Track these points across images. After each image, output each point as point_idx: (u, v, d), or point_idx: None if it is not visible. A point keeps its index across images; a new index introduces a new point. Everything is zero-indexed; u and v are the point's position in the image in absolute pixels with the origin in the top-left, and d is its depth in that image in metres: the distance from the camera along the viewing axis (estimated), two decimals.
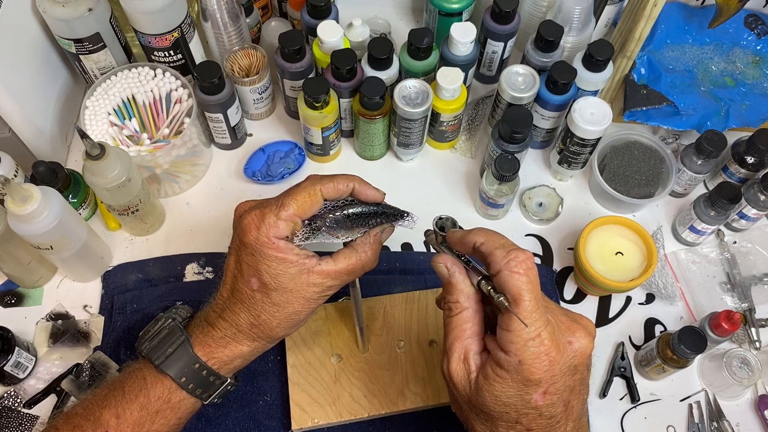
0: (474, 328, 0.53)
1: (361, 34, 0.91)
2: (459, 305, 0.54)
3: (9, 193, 0.68)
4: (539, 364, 0.48)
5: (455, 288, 0.54)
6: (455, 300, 0.54)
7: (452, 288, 0.54)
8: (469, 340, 0.53)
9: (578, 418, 0.53)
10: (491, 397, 0.50)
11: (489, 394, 0.50)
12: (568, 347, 0.50)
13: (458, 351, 0.53)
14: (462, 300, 0.54)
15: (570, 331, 0.51)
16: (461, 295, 0.54)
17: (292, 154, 0.95)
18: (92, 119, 0.85)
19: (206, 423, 0.76)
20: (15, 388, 0.78)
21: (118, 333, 0.81)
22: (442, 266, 0.55)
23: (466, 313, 0.53)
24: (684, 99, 0.93)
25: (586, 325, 0.53)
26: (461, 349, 0.53)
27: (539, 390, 0.49)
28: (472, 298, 0.54)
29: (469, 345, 0.53)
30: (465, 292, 0.54)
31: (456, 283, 0.54)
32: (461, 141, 0.98)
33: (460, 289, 0.54)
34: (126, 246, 0.88)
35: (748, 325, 0.85)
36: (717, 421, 0.79)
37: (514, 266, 0.50)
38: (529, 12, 0.99)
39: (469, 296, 0.54)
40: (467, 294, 0.54)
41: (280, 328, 0.61)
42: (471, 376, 0.52)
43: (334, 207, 0.61)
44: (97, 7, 0.82)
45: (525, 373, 0.49)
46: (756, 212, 0.87)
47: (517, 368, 0.49)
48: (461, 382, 0.53)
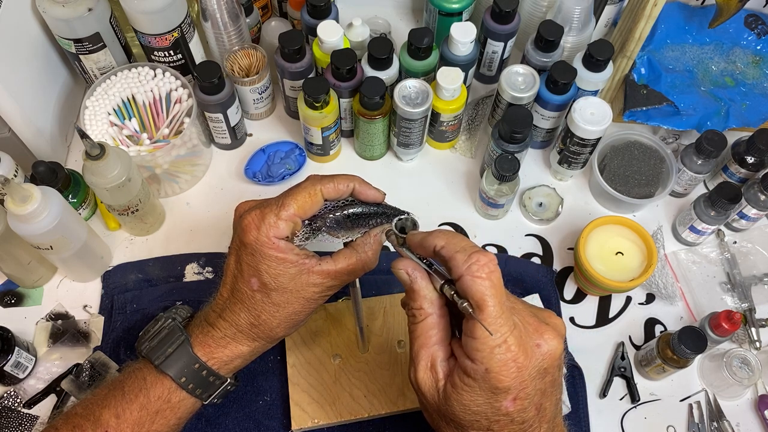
0: (440, 335, 0.51)
1: (361, 34, 0.91)
2: (423, 312, 0.51)
3: (9, 193, 0.67)
4: (507, 372, 0.47)
5: (418, 294, 0.52)
6: (419, 306, 0.52)
7: (415, 294, 0.52)
8: (435, 347, 0.51)
9: (552, 418, 0.51)
10: (460, 406, 0.49)
11: (458, 403, 0.49)
12: (536, 351, 0.48)
13: (425, 359, 0.51)
14: (426, 306, 0.51)
15: (538, 333, 0.49)
16: (425, 301, 0.52)
17: (293, 155, 0.95)
18: (92, 119, 0.85)
19: (206, 423, 0.76)
20: (15, 388, 0.78)
21: (118, 333, 0.81)
22: (403, 272, 0.53)
23: (431, 319, 0.51)
24: (684, 99, 0.93)
25: (555, 324, 0.51)
26: (428, 356, 0.51)
27: (509, 397, 0.47)
28: (436, 303, 0.52)
29: (436, 352, 0.51)
30: (428, 298, 0.52)
31: (418, 289, 0.52)
32: (461, 141, 0.98)
33: (423, 295, 0.52)
34: (126, 246, 0.88)
35: (748, 325, 0.85)
36: (717, 421, 0.79)
37: (475, 270, 0.47)
38: (529, 12, 0.99)
39: (432, 302, 0.52)
40: (430, 300, 0.52)
41: (280, 328, 0.61)
42: (439, 385, 0.50)
43: (334, 207, 0.61)
44: (97, 7, 0.82)
45: (493, 381, 0.47)
46: (756, 212, 0.87)
47: (484, 377, 0.47)
48: (429, 391, 0.51)
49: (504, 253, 0.90)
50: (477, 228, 0.92)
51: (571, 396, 0.78)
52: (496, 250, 0.90)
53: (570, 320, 0.86)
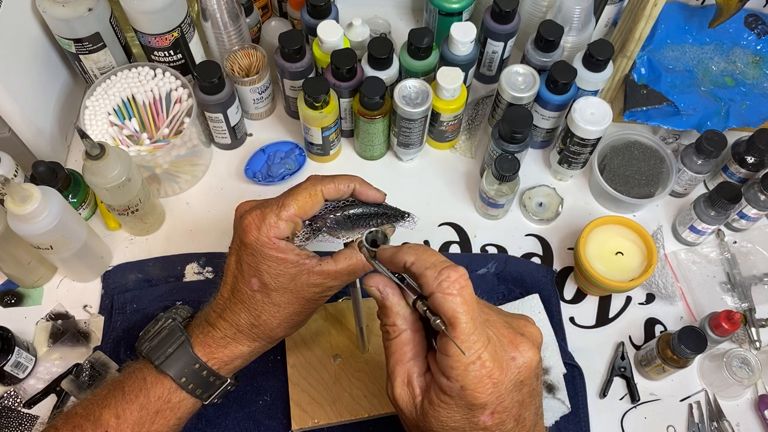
0: (415, 350, 0.51)
1: (361, 34, 0.91)
2: (396, 328, 0.50)
3: (9, 193, 0.67)
4: (482, 388, 0.46)
5: (390, 311, 0.50)
6: (392, 323, 0.50)
7: (387, 311, 0.51)
8: (410, 363, 0.50)
9: (532, 426, 0.51)
10: (437, 422, 0.48)
11: (435, 420, 0.48)
12: (511, 364, 0.48)
13: (401, 375, 0.50)
14: (399, 323, 0.50)
15: (513, 346, 0.48)
16: (397, 318, 0.50)
17: (293, 155, 0.95)
18: (92, 119, 0.85)
19: (206, 423, 0.76)
20: (15, 388, 0.78)
21: (118, 333, 0.81)
22: (374, 289, 0.51)
23: (405, 335, 0.50)
24: (684, 99, 0.93)
25: (531, 334, 0.50)
26: (404, 372, 0.50)
27: (486, 412, 0.47)
28: (409, 319, 0.51)
29: (412, 368, 0.50)
30: (401, 314, 0.50)
31: (390, 305, 0.50)
32: (461, 141, 0.98)
33: (396, 312, 0.50)
34: (126, 246, 0.88)
35: (748, 325, 0.85)
36: (717, 421, 0.79)
37: (446, 287, 0.46)
38: (529, 12, 0.99)
39: (405, 318, 0.50)
40: (403, 316, 0.50)
41: (281, 328, 0.61)
42: (416, 401, 0.50)
43: (334, 207, 0.61)
44: (97, 7, 0.82)
45: (469, 398, 0.46)
46: (756, 212, 0.87)
47: (460, 394, 0.46)
48: (407, 407, 0.50)
49: (504, 253, 0.90)
50: (477, 228, 0.92)
51: (571, 396, 0.78)
52: (496, 250, 0.90)
53: (570, 320, 0.86)
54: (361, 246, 0.55)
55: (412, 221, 0.64)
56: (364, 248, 0.54)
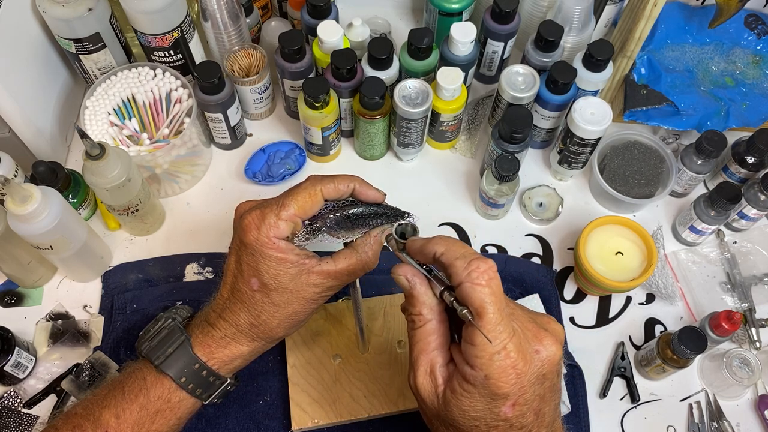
0: (439, 340, 0.52)
1: (361, 34, 0.91)
2: (422, 317, 0.52)
3: (9, 193, 0.67)
4: (506, 378, 0.47)
5: (417, 300, 0.52)
6: (418, 312, 0.52)
7: (414, 300, 0.52)
8: (434, 353, 0.51)
9: (551, 423, 0.52)
10: (459, 412, 0.49)
11: (457, 409, 0.49)
12: (535, 357, 0.49)
13: (424, 364, 0.51)
14: (425, 312, 0.52)
15: (537, 339, 0.49)
16: (424, 307, 0.52)
17: (293, 155, 0.95)
18: (92, 119, 0.85)
19: (206, 423, 0.76)
20: (15, 388, 0.78)
21: (118, 333, 0.81)
22: (402, 278, 0.53)
23: (430, 325, 0.52)
24: (684, 99, 0.93)
25: (554, 329, 0.51)
26: (427, 362, 0.51)
27: (508, 403, 0.48)
28: (436, 309, 0.52)
29: (435, 357, 0.51)
30: (427, 304, 0.52)
31: (418, 294, 0.52)
32: (461, 141, 0.98)
33: (422, 301, 0.52)
34: (126, 246, 0.88)
35: (749, 325, 0.85)
36: (717, 421, 0.79)
37: (475, 278, 0.48)
38: (529, 12, 0.99)
39: (432, 308, 0.52)
40: (430, 306, 0.52)
41: (280, 328, 0.61)
42: (438, 390, 0.51)
43: (334, 207, 0.61)
44: (97, 7, 0.82)
45: (492, 388, 0.47)
46: (756, 212, 0.87)
47: (483, 383, 0.47)
48: (429, 396, 0.51)
49: (504, 253, 0.90)
50: (477, 228, 0.92)
51: (571, 396, 0.78)
52: (496, 250, 0.90)
53: (570, 320, 0.86)
54: (389, 238, 0.57)
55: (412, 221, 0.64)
56: (392, 240, 0.56)
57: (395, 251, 0.56)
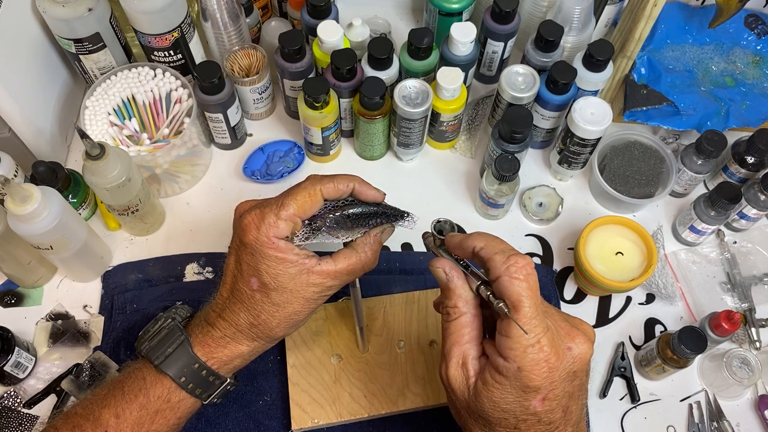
0: (472, 333, 0.53)
1: (361, 34, 0.91)
2: (457, 310, 0.53)
3: (9, 193, 0.68)
4: (538, 371, 0.48)
5: (453, 293, 0.53)
6: (453, 305, 0.53)
7: (450, 293, 0.54)
8: (467, 345, 0.52)
9: (577, 422, 0.53)
10: (490, 403, 0.50)
11: (488, 400, 0.50)
12: (567, 353, 0.50)
13: (456, 356, 0.52)
14: (460, 305, 0.53)
15: (569, 337, 0.51)
16: (459, 300, 0.53)
17: (291, 153, 0.95)
18: (92, 119, 0.85)
19: (206, 423, 0.76)
20: (15, 388, 0.78)
21: (118, 333, 0.81)
22: (441, 270, 0.54)
23: (465, 318, 0.53)
24: (684, 99, 0.93)
25: (585, 330, 0.52)
26: (459, 354, 0.52)
27: (538, 396, 0.49)
28: (471, 303, 0.53)
29: (468, 350, 0.52)
30: (463, 297, 0.53)
31: (454, 287, 0.54)
32: (461, 141, 0.98)
33: (459, 294, 0.53)
34: (126, 246, 0.88)
35: (749, 325, 0.85)
36: (717, 421, 0.79)
37: (514, 272, 0.49)
38: (529, 12, 0.99)
39: (467, 301, 0.53)
40: (465, 299, 0.53)
41: (280, 328, 0.61)
42: (470, 382, 0.52)
43: (334, 207, 0.61)
44: (97, 7, 0.82)
45: (524, 380, 0.48)
46: (756, 212, 0.87)
47: (516, 375, 0.48)
48: (459, 388, 0.52)
49: None
50: (477, 228, 0.91)
51: None
52: None
53: None
54: (427, 236, 0.59)
55: (412, 221, 0.64)
56: (430, 237, 0.58)
57: (432, 248, 0.58)
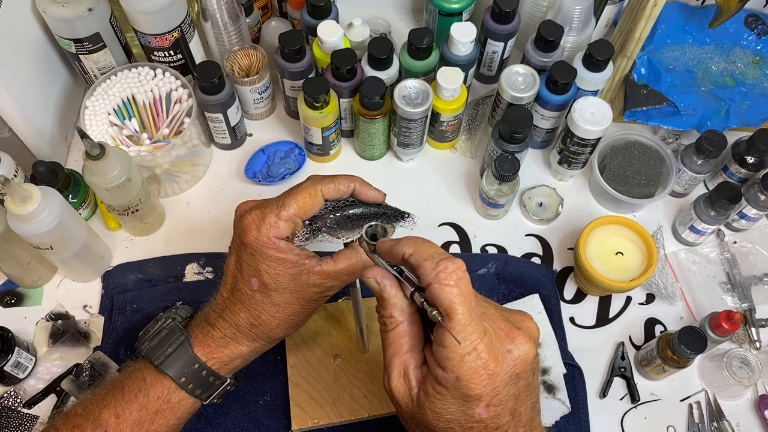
0: (411, 342, 0.51)
1: (361, 34, 0.91)
2: (393, 320, 0.51)
3: (9, 193, 0.68)
4: (477, 380, 0.46)
5: (388, 302, 0.51)
6: (389, 315, 0.51)
7: (385, 303, 0.51)
8: (407, 355, 0.51)
9: (528, 422, 0.51)
10: (433, 414, 0.48)
11: (431, 411, 0.48)
12: (507, 356, 0.48)
13: (397, 367, 0.50)
14: (396, 314, 0.51)
15: (509, 339, 0.49)
16: (395, 309, 0.51)
17: (293, 154, 0.95)
18: (92, 119, 0.85)
19: (206, 423, 0.76)
20: (15, 388, 0.78)
21: (118, 333, 0.81)
22: (372, 281, 0.51)
23: (402, 327, 0.51)
24: (684, 99, 0.93)
25: (527, 328, 0.50)
26: (400, 364, 0.50)
27: (481, 404, 0.47)
28: (407, 311, 0.51)
29: (408, 360, 0.50)
30: (398, 306, 0.51)
31: (388, 297, 0.51)
32: (461, 141, 0.98)
33: (393, 303, 0.51)
34: (126, 246, 0.88)
35: (749, 325, 0.85)
36: (717, 421, 0.79)
37: (443, 278, 0.46)
38: (529, 12, 0.99)
39: (403, 310, 0.51)
40: (401, 307, 0.51)
41: (280, 328, 0.61)
42: (412, 393, 0.50)
43: (334, 207, 0.61)
44: (97, 7, 0.82)
45: (464, 390, 0.47)
46: (756, 212, 0.87)
47: (455, 385, 0.47)
48: (403, 399, 0.51)
49: (504, 253, 0.90)
50: (477, 228, 0.92)
51: (571, 396, 0.78)
52: (496, 250, 0.90)
53: (570, 320, 0.86)
54: (361, 240, 0.55)
55: (412, 221, 0.64)
56: (363, 242, 0.55)
57: (367, 253, 0.55)
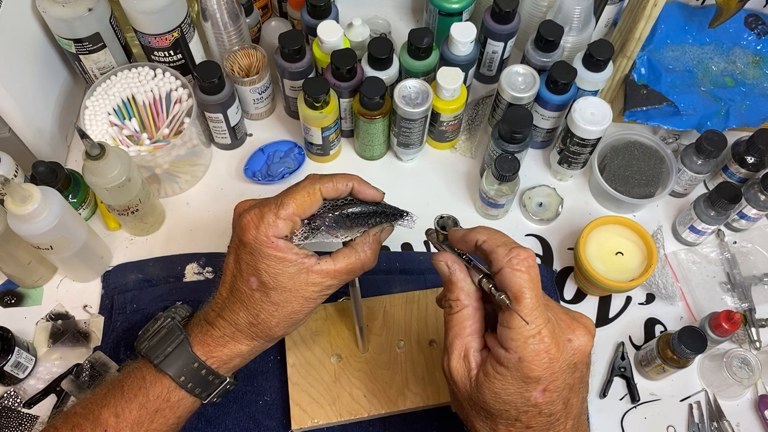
0: (474, 326, 0.53)
1: (361, 34, 0.91)
2: (459, 303, 0.54)
3: (9, 193, 0.68)
4: (539, 362, 0.49)
5: (456, 286, 0.54)
6: (456, 298, 0.54)
7: (453, 286, 0.54)
8: (469, 338, 0.53)
9: (578, 416, 0.53)
10: (491, 395, 0.51)
11: (489, 392, 0.51)
12: (567, 345, 0.51)
13: (459, 348, 0.53)
14: (462, 298, 0.54)
15: (570, 329, 0.51)
16: (462, 293, 0.54)
17: (292, 154, 0.95)
18: (92, 119, 0.85)
19: (206, 423, 0.76)
20: (15, 388, 0.78)
21: (118, 333, 0.81)
22: (443, 264, 0.55)
23: (467, 310, 0.54)
24: (684, 99, 0.93)
25: (585, 323, 0.53)
26: (462, 346, 0.53)
27: (539, 387, 0.49)
28: (473, 296, 0.54)
29: (470, 342, 0.53)
30: (465, 290, 0.54)
31: (457, 281, 0.54)
32: (461, 141, 0.98)
33: (461, 287, 0.54)
34: (126, 246, 0.88)
35: (749, 325, 0.85)
36: (717, 421, 0.79)
37: (516, 264, 0.50)
38: (529, 12, 0.99)
39: (469, 294, 0.54)
40: (468, 292, 0.54)
41: (279, 327, 0.61)
42: (471, 374, 0.52)
43: (333, 206, 0.61)
44: (97, 7, 0.82)
45: (525, 370, 0.49)
46: (756, 212, 0.87)
47: (517, 365, 0.49)
48: (462, 380, 0.53)
49: None
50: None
51: None
52: None
53: None
54: (430, 232, 0.60)
55: (411, 220, 0.64)
56: (434, 233, 0.59)
57: (435, 243, 0.59)
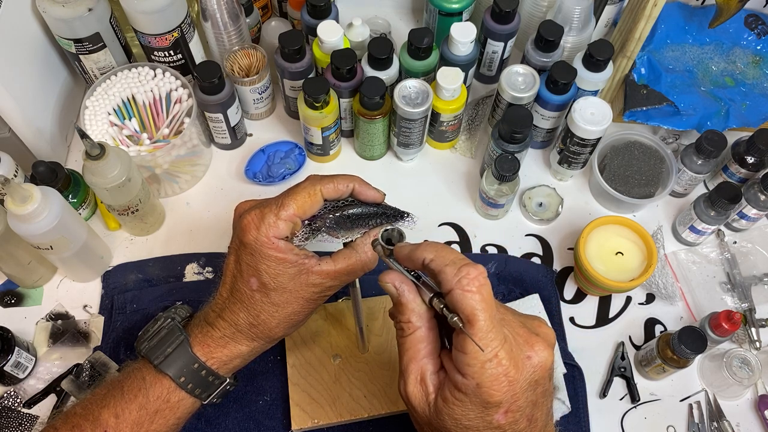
0: (429, 347, 0.51)
1: (361, 34, 0.91)
2: (411, 325, 0.51)
3: (9, 193, 0.68)
4: (498, 386, 0.46)
5: (406, 308, 0.51)
6: (407, 320, 0.51)
7: (403, 308, 0.51)
8: (424, 360, 0.50)
9: (543, 427, 0.51)
10: (451, 420, 0.48)
11: (449, 417, 0.48)
12: (527, 363, 0.48)
13: (414, 372, 0.50)
14: (414, 320, 0.50)
15: (528, 345, 0.49)
16: (413, 315, 0.51)
17: (293, 155, 0.95)
18: (92, 119, 0.85)
19: (206, 423, 0.76)
20: (15, 388, 0.78)
21: (118, 333, 0.81)
22: (390, 285, 0.51)
23: (419, 332, 0.50)
24: (684, 99, 0.93)
25: (545, 334, 0.50)
26: (417, 370, 0.50)
27: (500, 410, 0.47)
28: (425, 316, 0.51)
29: (425, 365, 0.50)
30: (416, 311, 0.51)
31: (407, 302, 0.51)
32: (461, 141, 0.98)
33: (411, 308, 0.51)
34: (126, 246, 0.88)
35: (749, 325, 0.85)
36: (717, 421, 0.79)
37: (466, 284, 0.46)
38: (529, 12, 0.99)
39: (421, 315, 0.51)
40: (419, 313, 0.51)
41: (280, 328, 0.61)
42: (429, 398, 0.50)
43: (334, 207, 0.61)
44: (97, 7, 0.82)
45: (484, 396, 0.46)
46: (756, 212, 0.87)
47: (475, 391, 0.47)
48: (420, 405, 0.50)
49: (504, 253, 0.90)
50: (477, 228, 0.92)
51: (571, 396, 0.78)
52: (496, 250, 0.90)
53: (570, 320, 0.86)
54: (375, 244, 0.55)
55: (412, 221, 0.64)
56: (378, 246, 0.54)
57: (382, 257, 0.55)
